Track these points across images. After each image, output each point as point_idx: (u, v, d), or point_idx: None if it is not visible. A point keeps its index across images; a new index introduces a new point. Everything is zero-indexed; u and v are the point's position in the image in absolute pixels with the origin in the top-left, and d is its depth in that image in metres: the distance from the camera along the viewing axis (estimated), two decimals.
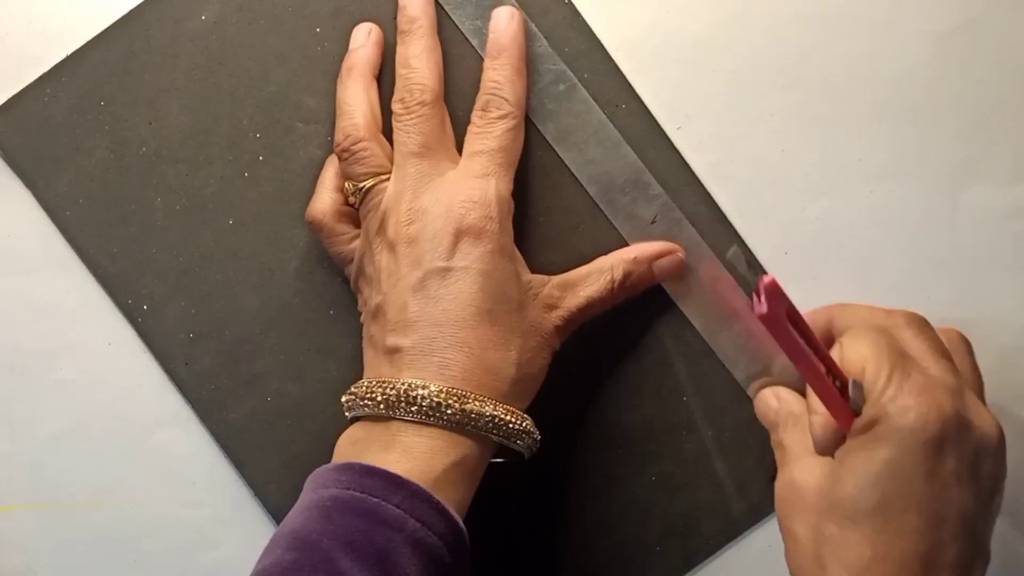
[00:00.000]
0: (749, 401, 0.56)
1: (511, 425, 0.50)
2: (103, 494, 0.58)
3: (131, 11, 0.56)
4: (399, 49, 0.54)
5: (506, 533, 0.57)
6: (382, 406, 0.49)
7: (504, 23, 0.54)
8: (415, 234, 0.51)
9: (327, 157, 0.56)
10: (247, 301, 0.57)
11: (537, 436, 0.51)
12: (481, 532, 0.50)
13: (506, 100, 0.53)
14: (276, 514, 0.57)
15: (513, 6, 0.55)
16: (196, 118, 0.57)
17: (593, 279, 0.54)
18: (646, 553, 0.57)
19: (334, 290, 0.57)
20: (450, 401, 0.48)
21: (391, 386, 0.49)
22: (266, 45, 0.57)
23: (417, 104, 0.52)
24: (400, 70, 0.53)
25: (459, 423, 0.48)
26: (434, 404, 0.48)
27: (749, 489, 0.57)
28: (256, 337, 0.57)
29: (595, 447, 0.57)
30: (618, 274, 0.54)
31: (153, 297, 0.57)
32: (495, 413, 0.49)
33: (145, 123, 0.56)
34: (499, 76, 0.53)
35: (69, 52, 0.56)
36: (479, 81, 0.54)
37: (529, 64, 0.55)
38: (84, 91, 0.56)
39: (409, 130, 0.52)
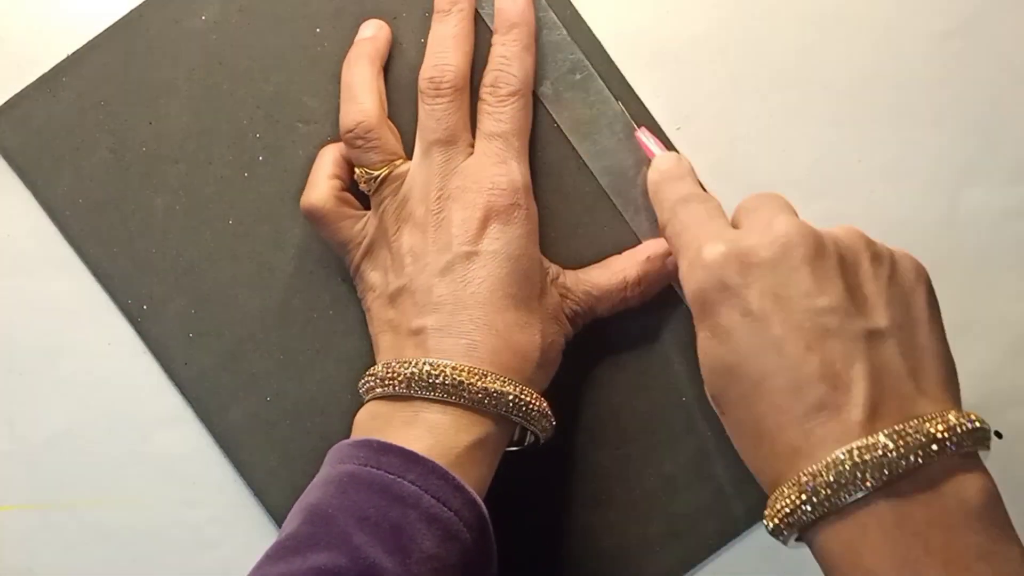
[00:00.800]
0: None
1: (531, 407, 0.50)
2: (103, 494, 0.58)
3: (131, 11, 0.56)
4: (435, 27, 0.54)
5: (505, 534, 0.57)
6: (403, 386, 0.49)
7: None
8: (443, 220, 0.51)
9: (322, 148, 0.56)
10: (247, 301, 0.57)
11: (553, 420, 0.52)
12: None
13: (515, 76, 0.53)
14: (276, 514, 0.57)
15: None
16: (196, 118, 0.57)
17: (605, 278, 0.55)
18: (646, 553, 0.57)
19: (334, 290, 0.57)
20: (473, 380, 0.48)
21: (413, 364, 0.49)
22: (266, 45, 0.57)
23: (448, 87, 0.52)
24: (434, 48, 0.53)
25: (480, 402, 0.48)
26: (456, 382, 0.48)
27: (749, 490, 0.57)
28: (256, 337, 0.57)
29: (595, 447, 0.57)
30: (631, 275, 0.55)
31: (153, 297, 0.57)
32: (516, 393, 0.49)
33: (145, 123, 0.57)
34: (508, 52, 0.53)
35: (69, 52, 0.56)
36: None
37: (543, 48, 0.55)
38: (84, 91, 0.56)
39: (439, 115, 0.52)
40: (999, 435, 0.56)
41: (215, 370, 0.57)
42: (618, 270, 0.55)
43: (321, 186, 0.54)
